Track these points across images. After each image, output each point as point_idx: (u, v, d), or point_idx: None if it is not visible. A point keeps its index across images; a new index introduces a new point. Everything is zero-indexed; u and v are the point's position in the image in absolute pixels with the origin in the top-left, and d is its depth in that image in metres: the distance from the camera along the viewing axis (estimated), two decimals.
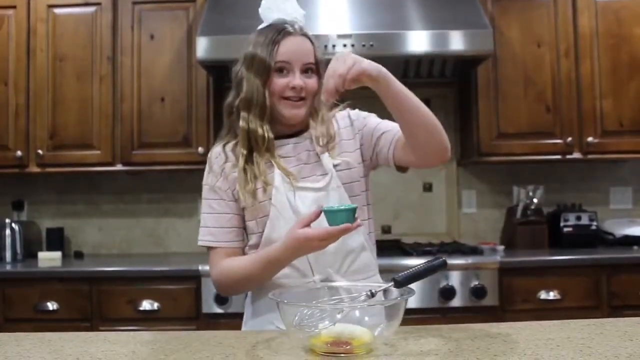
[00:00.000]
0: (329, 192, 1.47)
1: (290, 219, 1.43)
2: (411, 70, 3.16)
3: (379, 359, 1.09)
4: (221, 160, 1.52)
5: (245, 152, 1.48)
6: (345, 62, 1.29)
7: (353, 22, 2.84)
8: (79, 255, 3.25)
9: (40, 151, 2.98)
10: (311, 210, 1.36)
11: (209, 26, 2.79)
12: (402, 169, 1.54)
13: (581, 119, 2.98)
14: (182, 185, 3.34)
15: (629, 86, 2.97)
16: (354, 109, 1.60)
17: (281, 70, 1.47)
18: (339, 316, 1.11)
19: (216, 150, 1.56)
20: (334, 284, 1.37)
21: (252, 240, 1.51)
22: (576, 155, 2.99)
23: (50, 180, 3.32)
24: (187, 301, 2.63)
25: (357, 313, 1.16)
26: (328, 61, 1.37)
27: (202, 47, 2.72)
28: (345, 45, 2.70)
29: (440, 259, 1.27)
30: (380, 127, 1.52)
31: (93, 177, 3.31)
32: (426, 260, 1.27)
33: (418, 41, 2.77)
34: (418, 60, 3.04)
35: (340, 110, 1.58)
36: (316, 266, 1.45)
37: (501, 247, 2.98)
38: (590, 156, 2.99)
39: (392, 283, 1.20)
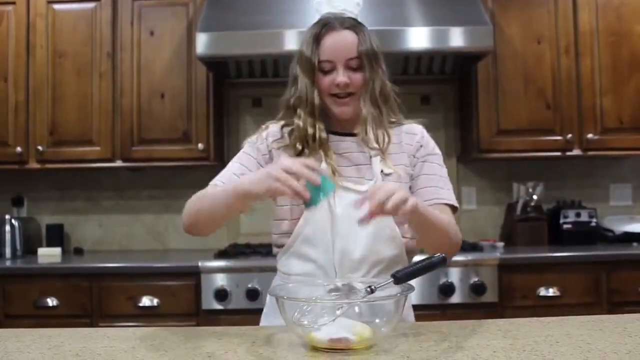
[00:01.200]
0: None
1: (324, 217, 1.43)
2: (411, 66, 3.16)
3: (379, 355, 1.09)
4: (275, 137, 1.52)
5: (300, 147, 1.48)
6: (393, 198, 1.22)
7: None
8: (78, 251, 3.25)
9: (40, 147, 2.98)
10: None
11: (209, 22, 2.78)
12: None
13: (581, 116, 2.98)
14: (182, 182, 3.33)
15: (629, 83, 2.97)
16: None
17: (325, 67, 1.46)
18: (338, 312, 1.11)
19: (274, 128, 1.55)
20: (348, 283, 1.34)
21: (284, 227, 1.50)
22: (576, 152, 2.99)
23: (50, 176, 3.32)
24: (187, 297, 2.64)
25: (356, 309, 1.15)
26: (373, 53, 1.42)
27: (202, 43, 2.72)
28: None
29: (440, 256, 1.27)
30: (428, 182, 1.51)
31: (93, 173, 3.30)
32: (426, 257, 1.27)
33: (418, 38, 2.77)
34: (418, 57, 3.04)
35: (410, 124, 1.55)
36: (341, 269, 1.43)
37: (501, 244, 2.99)
38: (590, 153, 2.99)
39: (392, 279, 1.20)
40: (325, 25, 1.47)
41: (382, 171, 1.47)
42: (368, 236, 1.43)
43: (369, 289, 1.17)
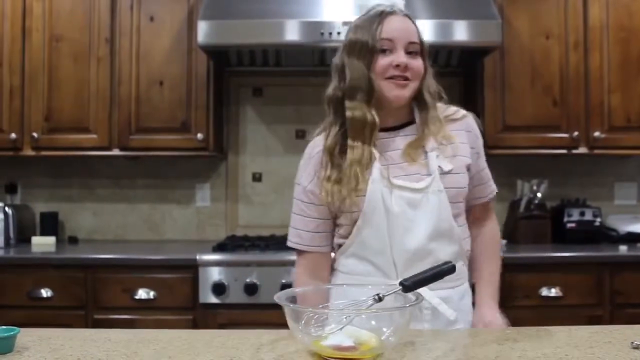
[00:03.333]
0: (428, 196, 1.41)
1: (381, 218, 1.40)
2: None
3: None
4: (317, 160, 1.48)
5: (352, 143, 1.42)
6: None
7: (358, 9, 2.74)
8: (73, 240, 3.21)
9: (35, 134, 2.92)
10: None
11: (210, 10, 2.72)
12: None
13: (588, 113, 2.94)
14: (180, 171, 3.29)
15: (638, 81, 2.93)
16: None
17: (384, 50, 1.40)
18: (345, 320, 1.08)
19: (314, 144, 1.50)
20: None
21: (342, 230, 1.48)
22: (582, 150, 2.95)
23: (45, 163, 3.26)
24: (184, 291, 2.59)
25: (363, 317, 1.13)
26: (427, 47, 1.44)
27: (203, 31, 2.66)
28: None
29: (449, 264, 1.26)
30: (484, 178, 1.55)
31: (88, 161, 3.25)
32: (434, 265, 1.25)
33: (424, 31, 2.69)
34: None
35: (459, 111, 1.53)
36: (402, 271, 1.40)
37: (503, 242, 2.95)
38: (596, 151, 2.95)
39: (400, 287, 1.17)
40: (383, 11, 1.43)
41: (439, 167, 1.42)
42: (425, 234, 1.41)
43: (376, 297, 1.13)
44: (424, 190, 1.40)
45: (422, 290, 1.34)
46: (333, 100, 1.47)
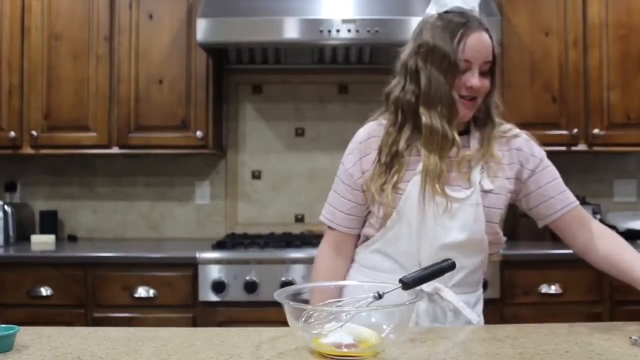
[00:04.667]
0: (465, 207, 1.41)
1: (415, 219, 1.40)
2: None
3: None
4: (364, 147, 1.48)
5: (427, 152, 1.40)
6: None
7: (358, 7, 2.76)
8: (72, 238, 3.21)
9: (34, 132, 2.92)
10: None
11: (210, 7, 2.71)
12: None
13: (588, 111, 2.93)
14: (180, 169, 3.29)
15: (638, 78, 2.92)
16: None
17: (462, 67, 1.37)
18: (345, 317, 1.09)
19: (368, 132, 1.49)
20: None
21: (373, 219, 1.48)
22: (581, 147, 2.95)
23: (44, 162, 3.26)
24: (184, 288, 2.59)
25: (363, 314, 1.13)
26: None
27: (203, 29, 2.65)
28: (349, 31, 2.63)
29: (449, 261, 1.26)
30: (556, 189, 1.50)
31: (88, 159, 3.25)
32: (435, 264, 1.25)
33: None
34: None
35: (512, 130, 1.50)
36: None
37: (504, 238, 2.94)
38: (596, 148, 2.95)
39: (400, 285, 1.17)
40: (466, 23, 1.37)
41: (480, 183, 1.42)
42: (456, 243, 1.41)
43: (377, 295, 1.14)
44: (462, 201, 1.41)
45: (448, 294, 1.39)
46: (404, 102, 1.43)
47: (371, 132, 1.49)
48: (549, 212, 1.49)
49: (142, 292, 2.59)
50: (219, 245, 2.74)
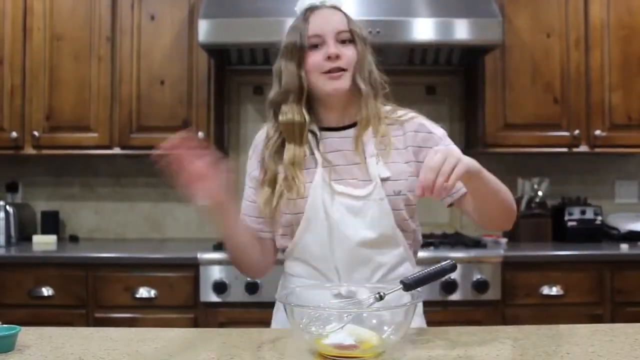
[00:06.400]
0: (370, 203, 1.38)
1: (322, 224, 1.38)
2: (417, 57, 3.09)
3: None
4: (261, 147, 1.50)
5: (288, 145, 1.41)
6: (448, 160, 1.19)
7: (359, 8, 2.76)
8: (74, 239, 3.21)
9: (36, 133, 2.92)
10: None
11: (211, 8, 2.72)
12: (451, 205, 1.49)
13: (589, 112, 2.93)
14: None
15: (639, 79, 2.92)
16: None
17: (315, 45, 1.39)
18: (346, 318, 1.08)
19: (260, 134, 1.53)
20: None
21: (281, 230, 1.47)
22: (583, 148, 2.94)
23: (46, 162, 3.26)
24: (185, 289, 2.59)
25: (364, 315, 1.13)
26: (362, 33, 1.41)
27: (204, 29, 2.65)
28: None
29: (451, 262, 1.25)
30: None
31: (89, 159, 3.25)
32: (436, 265, 1.24)
33: (425, 29, 2.70)
34: (424, 48, 2.98)
35: (407, 114, 1.46)
36: (344, 276, 1.39)
37: (504, 240, 2.95)
38: (597, 149, 2.95)
39: (401, 286, 1.17)
40: (309, 7, 1.43)
41: (382, 177, 1.39)
42: (365, 241, 1.39)
43: (377, 296, 1.13)
44: (364, 198, 1.38)
45: (364, 295, 1.27)
46: (272, 105, 1.45)
47: (262, 134, 1.52)
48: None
49: (143, 292, 2.59)
50: (221, 246, 2.73)
